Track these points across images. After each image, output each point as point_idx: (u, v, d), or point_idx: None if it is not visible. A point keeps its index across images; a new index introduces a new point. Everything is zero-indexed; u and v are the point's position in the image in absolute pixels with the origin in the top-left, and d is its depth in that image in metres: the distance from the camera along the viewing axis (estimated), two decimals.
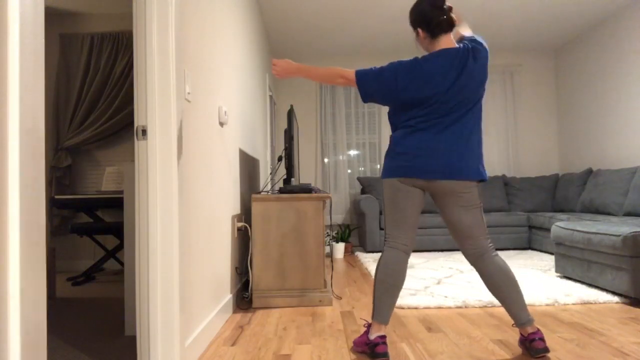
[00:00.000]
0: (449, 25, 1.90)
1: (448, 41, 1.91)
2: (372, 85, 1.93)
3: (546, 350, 1.83)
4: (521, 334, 1.92)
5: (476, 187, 1.90)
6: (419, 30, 1.94)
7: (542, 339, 1.84)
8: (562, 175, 5.45)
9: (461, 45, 1.90)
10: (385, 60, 6.09)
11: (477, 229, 1.91)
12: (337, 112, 6.01)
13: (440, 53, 1.87)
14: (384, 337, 1.88)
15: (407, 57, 6.09)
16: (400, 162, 1.90)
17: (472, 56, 1.86)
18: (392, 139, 1.96)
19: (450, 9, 1.90)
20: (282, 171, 5.87)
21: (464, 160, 1.86)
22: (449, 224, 1.95)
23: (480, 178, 1.88)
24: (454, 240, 1.99)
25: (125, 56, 4.53)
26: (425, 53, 2.09)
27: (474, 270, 3.87)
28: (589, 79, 5.33)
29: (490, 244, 1.94)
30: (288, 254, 2.87)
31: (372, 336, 1.89)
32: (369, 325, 1.96)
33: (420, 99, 1.87)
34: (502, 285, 1.88)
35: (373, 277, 3.63)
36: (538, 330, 1.87)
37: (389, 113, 2.03)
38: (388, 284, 1.90)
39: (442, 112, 1.87)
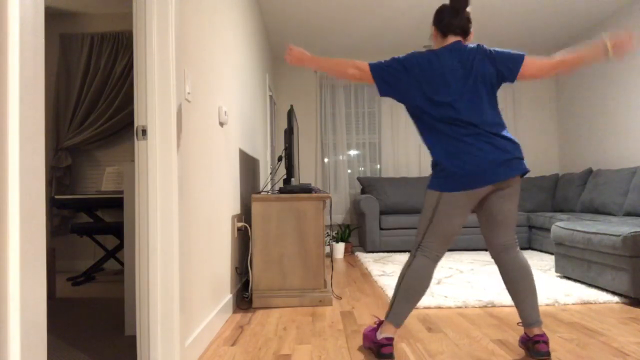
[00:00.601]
0: (461, 29, 1.91)
1: (452, 40, 1.92)
2: (385, 76, 1.90)
3: (548, 354, 1.82)
4: (526, 333, 1.91)
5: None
6: (433, 27, 1.97)
7: (546, 343, 1.83)
8: (562, 175, 5.45)
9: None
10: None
11: (513, 219, 1.91)
12: (337, 112, 6.00)
13: (448, 47, 1.89)
14: (391, 339, 1.87)
15: None
16: (460, 173, 1.81)
17: (482, 51, 1.87)
18: (435, 154, 1.88)
19: (468, 17, 1.92)
20: (282, 171, 5.87)
21: (511, 152, 1.83)
22: (488, 216, 1.92)
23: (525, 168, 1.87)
24: (484, 233, 1.97)
25: (125, 56, 4.53)
26: None
27: (474, 270, 3.87)
28: (589, 79, 5.33)
29: (516, 240, 1.95)
30: (288, 254, 2.87)
31: (380, 336, 1.89)
32: (380, 323, 1.96)
33: (432, 92, 1.84)
34: (520, 280, 1.88)
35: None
36: (544, 333, 1.86)
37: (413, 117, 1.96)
38: (414, 290, 1.87)
39: (466, 107, 1.83)
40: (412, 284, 1.87)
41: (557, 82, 6.03)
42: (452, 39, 1.92)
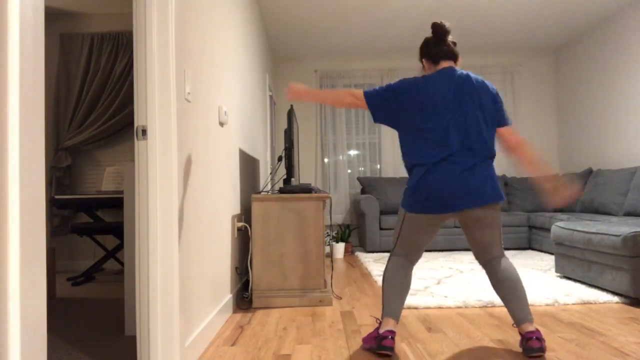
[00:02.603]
0: (451, 53, 2.00)
1: (446, 64, 2.00)
2: (378, 104, 2.00)
3: (541, 350, 1.82)
4: (519, 333, 1.93)
5: (499, 207, 1.99)
6: (424, 61, 2.06)
7: (539, 339, 1.83)
8: (562, 175, 5.45)
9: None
10: (385, 60, 6.08)
11: (491, 241, 1.98)
12: (337, 112, 6.00)
13: (439, 71, 1.96)
14: (392, 332, 1.91)
15: (406, 57, 6.09)
16: (422, 198, 1.92)
17: (473, 79, 1.95)
18: (411, 174, 1.99)
19: (453, 42, 2.02)
20: (282, 171, 5.87)
21: (487, 184, 1.91)
22: (471, 240, 2.02)
23: (501, 199, 1.95)
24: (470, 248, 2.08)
25: (125, 56, 4.53)
26: None
27: (474, 270, 3.87)
28: (589, 79, 5.33)
29: (501, 252, 2.01)
30: (288, 254, 2.87)
31: (382, 330, 1.93)
32: (380, 323, 1.99)
33: (421, 117, 1.91)
34: (506, 282, 1.94)
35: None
36: (537, 330, 1.87)
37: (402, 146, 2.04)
38: (395, 282, 1.98)
39: (452, 133, 1.90)
40: (393, 277, 1.99)
41: (557, 82, 6.03)
42: (444, 64, 1.99)
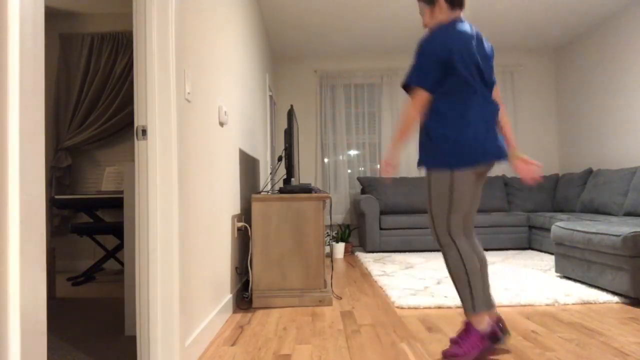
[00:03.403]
0: (463, 3, 1.94)
1: (460, 13, 1.95)
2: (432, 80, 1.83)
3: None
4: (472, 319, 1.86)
5: None
6: (440, 1, 1.91)
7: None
8: (562, 175, 5.45)
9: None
10: (385, 60, 6.08)
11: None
12: (337, 112, 6.00)
13: (464, 24, 1.90)
14: (498, 319, 1.89)
15: (406, 57, 6.09)
16: (474, 145, 1.79)
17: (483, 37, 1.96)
18: (449, 112, 1.82)
19: None
20: (282, 171, 5.87)
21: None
22: (474, 201, 1.93)
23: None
24: (464, 220, 1.93)
25: (125, 56, 4.53)
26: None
27: None
28: (589, 79, 5.33)
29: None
30: (288, 254, 2.87)
31: (482, 327, 1.82)
32: (468, 324, 1.85)
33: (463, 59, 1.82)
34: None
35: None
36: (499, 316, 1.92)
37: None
38: (478, 269, 1.83)
39: (481, 79, 1.89)
40: (475, 264, 1.82)
41: (557, 82, 6.03)
42: (458, 12, 1.93)
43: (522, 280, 3.34)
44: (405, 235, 5.09)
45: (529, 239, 5.11)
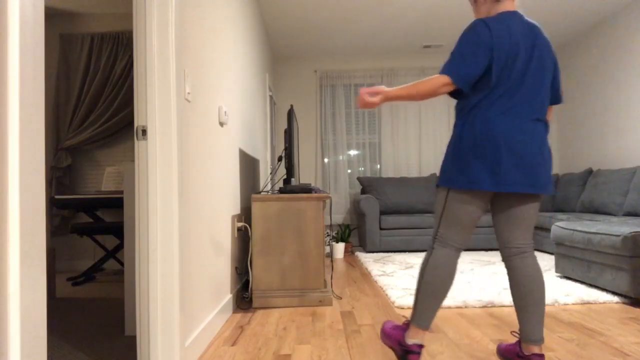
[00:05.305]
0: None
1: (511, 4, 1.68)
2: (467, 67, 1.61)
3: None
4: (521, 349, 1.69)
5: None
6: None
7: None
8: (562, 175, 5.45)
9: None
10: (385, 60, 6.08)
11: (534, 219, 1.75)
12: (337, 112, 6.00)
13: (507, 15, 1.65)
14: (421, 346, 1.70)
15: (406, 57, 6.09)
16: (474, 167, 1.60)
17: (541, 32, 1.67)
18: (468, 126, 1.63)
19: None
20: (282, 171, 5.87)
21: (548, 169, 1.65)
22: (506, 225, 1.75)
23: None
24: (499, 232, 1.77)
25: (125, 56, 4.53)
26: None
27: (474, 270, 3.87)
28: (589, 78, 5.33)
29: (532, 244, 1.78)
30: (288, 254, 2.87)
31: (410, 342, 1.71)
32: (407, 323, 1.78)
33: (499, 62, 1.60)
34: (532, 291, 1.69)
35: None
36: (543, 355, 1.66)
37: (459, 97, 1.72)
38: (436, 287, 1.67)
39: (525, 92, 1.60)
40: (434, 279, 1.68)
41: None
42: (507, 4, 1.67)
43: None
44: (405, 235, 5.09)
45: None
